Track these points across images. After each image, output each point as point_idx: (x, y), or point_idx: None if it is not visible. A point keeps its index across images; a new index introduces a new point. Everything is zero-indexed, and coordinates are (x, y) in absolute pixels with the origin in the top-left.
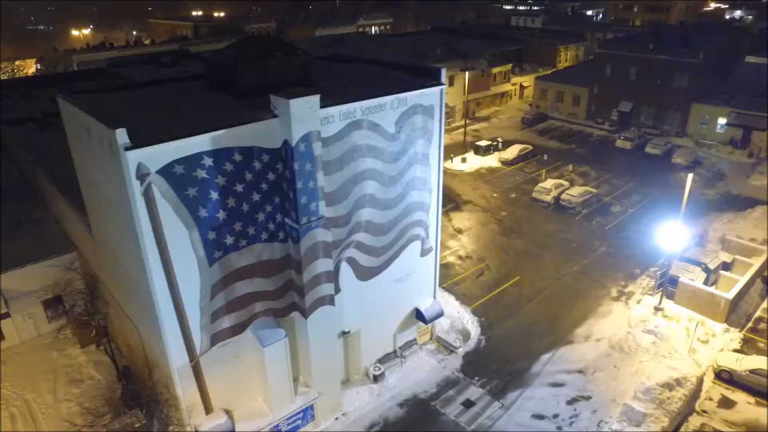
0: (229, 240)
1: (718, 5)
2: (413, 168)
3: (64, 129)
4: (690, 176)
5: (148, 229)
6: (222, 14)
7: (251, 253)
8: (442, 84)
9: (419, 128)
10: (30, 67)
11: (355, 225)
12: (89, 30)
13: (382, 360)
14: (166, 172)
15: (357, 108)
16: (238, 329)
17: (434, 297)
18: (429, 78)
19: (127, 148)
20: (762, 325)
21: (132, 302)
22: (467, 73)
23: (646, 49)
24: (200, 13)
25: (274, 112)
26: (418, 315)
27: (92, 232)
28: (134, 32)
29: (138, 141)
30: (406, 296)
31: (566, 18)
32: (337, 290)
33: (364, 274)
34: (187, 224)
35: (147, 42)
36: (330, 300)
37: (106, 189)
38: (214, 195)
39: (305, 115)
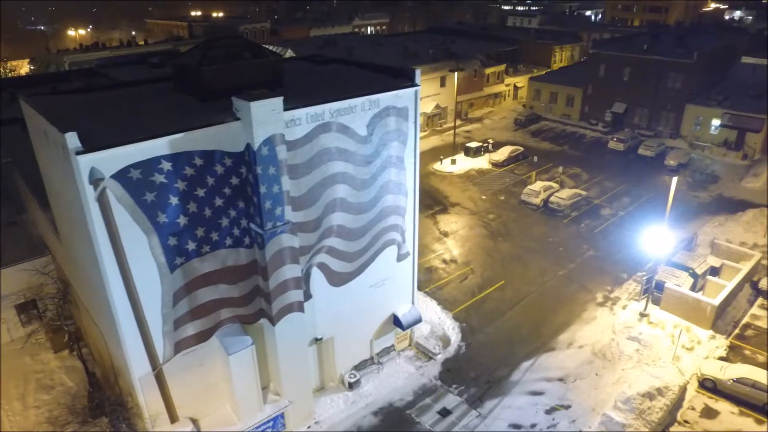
0: (191, 246)
1: (718, 6)
2: (387, 171)
3: None
4: (675, 179)
5: (104, 235)
6: (221, 14)
7: (215, 259)
8: (416, 85)
9: (393, 131)
10: (23, 68)
11: (325, 230)
12: (89, 30)
13: (359, 367)
14: (121, 176)
15: (325, 110)
16: (203, 336)
17: (413, 303)
18: (404, 79)
19: (78, 153)
20: (749, 332)
21: (96, 307)
22: (456, 73)
23: (640, 49)
24: (199, 13)
25: (237, 115)
26: (396, 321)
27: (59, 235)
28: (133, 32)
29: (90, 145)
30: (382, 302)
31: (564, 18)
32: (308, 296)
33: (337, 279)
34: (146, 230)
35: (141, 42)
36: (299, 307)
37: (65, 192)
38: (174, 200)
39: (268, 118)
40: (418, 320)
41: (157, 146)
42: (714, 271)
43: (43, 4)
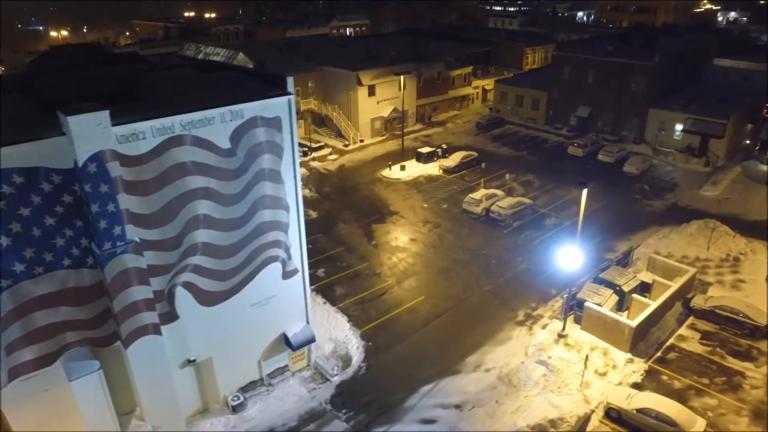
0: (20, 267)
1: (710, 6)
2: (261, 185)
3: None
4: (585, 192)
5: None
6: (213, 15)
7: (52, 280)
8: (289, 94)
9: (264, 143)
10: None
11: (189, 248)
12: (84, 30)
13: (247, 388)
14: None
15: (175, 122)
16: (44, 362)
17: (307, 321)
18: (276, 87)
19: None
20: (672, 355)
21: None
22: (402, 77)
23: (605, 51)
24: (192, 14)
25: (62, 130)
26: (286, 341)
27: None
28: (127, 32)
29: None
30: (269, 321)
31: (547, 19)
32: (174, 317)
33: (209, 299)
34: None
35: (120, 43)
36: (154, 329)
37: None
38: None
39: (92, 133)
40: (311, 340)
41: None
42: (647, 288)
43: (45, 4)
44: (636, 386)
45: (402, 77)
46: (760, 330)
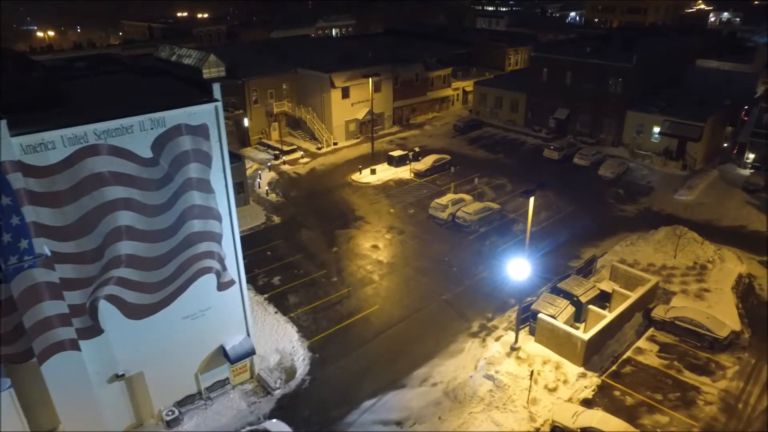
0: None
1: (702, 7)
2: (189, 195)
3: None
4: (531, 200)
5: None
6: (206, 15)
7: None
8: (215, 100)
9: (189, 151)
10: None
11: (111, 260)
12: (79, 30)
13: (184, 402)
14: None
15: (88, 131)
16: None
17: (248, 333)
18: (203, 93)
19: None
20: (627, 369)
21: None
22: (371, 79)
23: (583, 52)
24: (185, 14)
25: None
26: (225, 353)
27: None
28: (120, 33)
29: None
30: (205, 334)
31: (536, 20)
32: (98, 331)
33: (136, 312)
34: None
35: (113, 43)
36: (72, 345)
37: None
38: None
39: None
40: (251, 352)
41: None
42: (608, 298)
43: (43, 4)
44: (586, 402)
45: (371, 79)
46: (719, 342)
